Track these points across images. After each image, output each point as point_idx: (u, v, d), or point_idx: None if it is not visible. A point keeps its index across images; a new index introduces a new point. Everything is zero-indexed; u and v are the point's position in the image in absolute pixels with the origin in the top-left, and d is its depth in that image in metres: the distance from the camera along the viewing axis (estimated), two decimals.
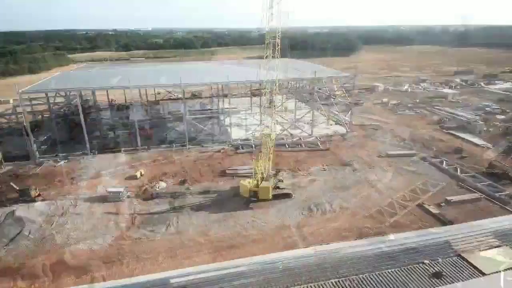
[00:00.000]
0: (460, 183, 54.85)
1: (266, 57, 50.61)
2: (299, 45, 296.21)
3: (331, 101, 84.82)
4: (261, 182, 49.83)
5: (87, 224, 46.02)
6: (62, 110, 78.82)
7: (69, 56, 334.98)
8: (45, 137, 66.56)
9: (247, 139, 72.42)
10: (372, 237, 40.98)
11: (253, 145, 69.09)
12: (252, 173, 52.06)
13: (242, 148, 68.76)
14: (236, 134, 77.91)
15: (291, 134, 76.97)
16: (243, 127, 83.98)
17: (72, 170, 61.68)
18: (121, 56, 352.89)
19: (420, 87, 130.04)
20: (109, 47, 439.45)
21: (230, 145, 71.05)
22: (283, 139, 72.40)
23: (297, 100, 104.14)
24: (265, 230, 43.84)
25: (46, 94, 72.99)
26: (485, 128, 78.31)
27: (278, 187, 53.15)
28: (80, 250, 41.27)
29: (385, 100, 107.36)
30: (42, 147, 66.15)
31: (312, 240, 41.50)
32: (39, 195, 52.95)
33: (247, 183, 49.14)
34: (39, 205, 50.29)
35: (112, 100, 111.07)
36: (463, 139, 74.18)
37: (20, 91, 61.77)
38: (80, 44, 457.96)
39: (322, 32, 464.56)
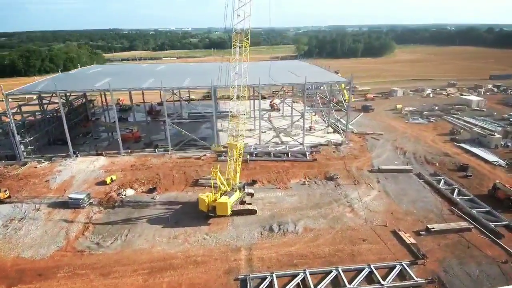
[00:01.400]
0: (453, 207, 47.89)
1: (234, 60, 47.43)
2: (328, 45, 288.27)
3: (330, 106, 79.12)
4: (220, 196, 46.34)
5: (39, 231, 45.12)
6: (51, 111, 79.41)
7: (105, 55, 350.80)
8: (31, 138, 67.31)
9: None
10: (322, 267, 36.47)
11: None
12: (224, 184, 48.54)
13: (224, 156, 65.33)
14: (226, 139, 74.77)
15: (282, 142, 72.54)
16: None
17: (51, 172, 61.75)
18: (153, 55, 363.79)
19: (444, 93, 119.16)
20: (147, 46, 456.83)
21: (214, 152, 68.14)
22: (268, 147, 68.16)
23: (303, 105, 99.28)
24: (213, 250, 40.37)
25: (39, 96, 74.15)
26: (502, 143, 68.92)
27: (244, 202, 49.52)
28: (22, 259, 40.27)
29: (399, 106, 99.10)
30: (29, 148, 66.96)
31: (257, 266, 37.55)
32: (9, 197, 53.17)
33: (205, 197, 45.86)
34: (3, 207, 50.28)
35: (118, 100, 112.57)
36: (473, 154, 65.76)
37: (5, 93, 62.88)
38: (121, 43, 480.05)
39: (357, 32, 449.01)
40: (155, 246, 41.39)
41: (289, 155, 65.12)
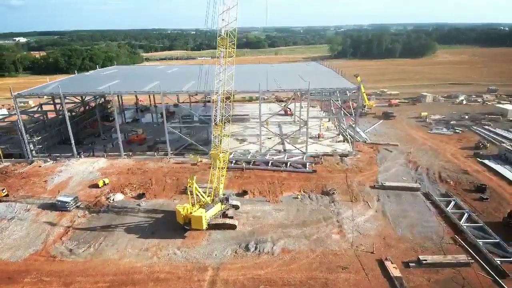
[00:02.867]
0: (456, 235, 42.26)
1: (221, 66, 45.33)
2: (363, 45, 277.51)
3: (341, 113, 74.32)
4: (197, 209, 44.33)
5: (23, 232, 45.86)
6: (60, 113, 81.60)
7: (144, 54, 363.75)
8: (40, 138, 69.60)
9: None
10: None
11: (232, 161, 63.29)
12: (211, 192, 46.45)
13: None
14: (230, 145, 72.86)
15: (285, 150, 69.19)
16: (241, 137, 78.84)
17: (52, 171, 63.26)
18: (190, 55, 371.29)
19: (480, 100, 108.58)
20: (186, 45, 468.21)
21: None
22: (266, 155, 65.14)
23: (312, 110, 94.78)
24: (180, 267, 38.46)
25: (53, 98, 76.46)
26: None
27: (226, 215, 47.18)
28: None
29: (423, 114, 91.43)
30: (36, 147, 69.22)
31: None
32: (6, 195, 54.89)
33: (181, 209, 44.08)
34: None
35: (138, 100, 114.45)
36: (496, 172, 58.42)
37: (14, 94, 65.32)
38: (163, 43, 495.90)
39: (399, 31, 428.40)
40: (124, 258, 40.28)
41: (288, 165, 61.74)
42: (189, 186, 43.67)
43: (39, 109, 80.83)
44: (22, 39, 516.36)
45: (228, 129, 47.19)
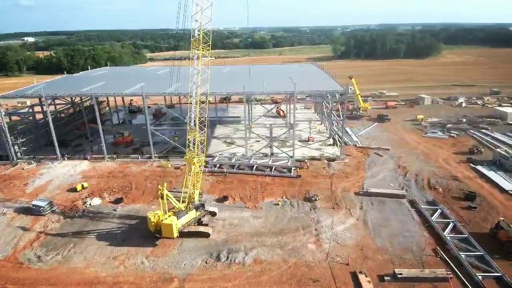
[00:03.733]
0: (438, 247, 40.18)
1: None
2: (366, 46, 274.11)
3: (331, 116, 72.39)
4: (169, 216, 42.90)
5: None
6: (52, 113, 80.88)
7: (148, 54, 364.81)
8: (24, 139, 68.97)
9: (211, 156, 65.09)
10: None
11: (216, 164, 61.89)
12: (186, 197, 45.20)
13: (205, 167, 61.91)
14: (217, 148, 71.80)
15: (272, 153, 67.51)
16: (230, 139, 77.45)
17: (34, 174, 62.53)
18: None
19: (480, 102, 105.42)
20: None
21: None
22: (251, 159, 63.51)
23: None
24: (145, 278, 37.09)
25: (40, 99, 75.76)
26: None
27: (201, 222, 45.74)
28: None
29: (419, 117, 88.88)
30: (21, 149, 68.61)
31: None
32: None
33: (152, 216, 42.74)
34: None
35: (131, 101, 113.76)
36: (489, 179, 56.02)
37: None
38: (168, 43, 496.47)
39: (406, 31, 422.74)
40: (90, 266, 39.06)
41: (273, 170, 60.06)
42: (160, 193, 42.24)
43: (30, 110, 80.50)
44: (31, 39, 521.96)
45: (205, 133, 45.61)
